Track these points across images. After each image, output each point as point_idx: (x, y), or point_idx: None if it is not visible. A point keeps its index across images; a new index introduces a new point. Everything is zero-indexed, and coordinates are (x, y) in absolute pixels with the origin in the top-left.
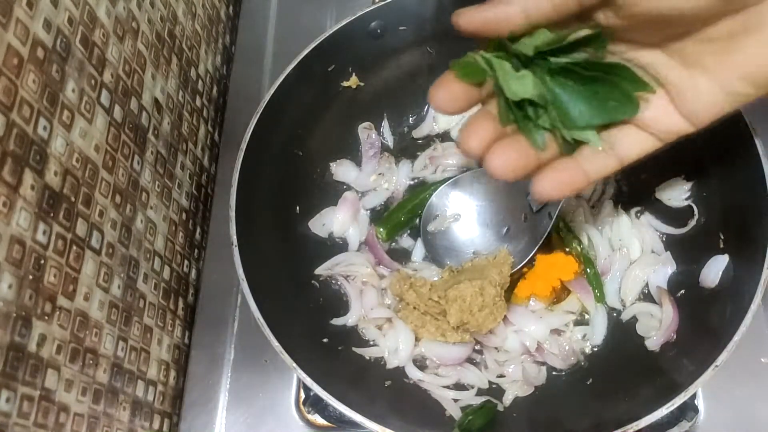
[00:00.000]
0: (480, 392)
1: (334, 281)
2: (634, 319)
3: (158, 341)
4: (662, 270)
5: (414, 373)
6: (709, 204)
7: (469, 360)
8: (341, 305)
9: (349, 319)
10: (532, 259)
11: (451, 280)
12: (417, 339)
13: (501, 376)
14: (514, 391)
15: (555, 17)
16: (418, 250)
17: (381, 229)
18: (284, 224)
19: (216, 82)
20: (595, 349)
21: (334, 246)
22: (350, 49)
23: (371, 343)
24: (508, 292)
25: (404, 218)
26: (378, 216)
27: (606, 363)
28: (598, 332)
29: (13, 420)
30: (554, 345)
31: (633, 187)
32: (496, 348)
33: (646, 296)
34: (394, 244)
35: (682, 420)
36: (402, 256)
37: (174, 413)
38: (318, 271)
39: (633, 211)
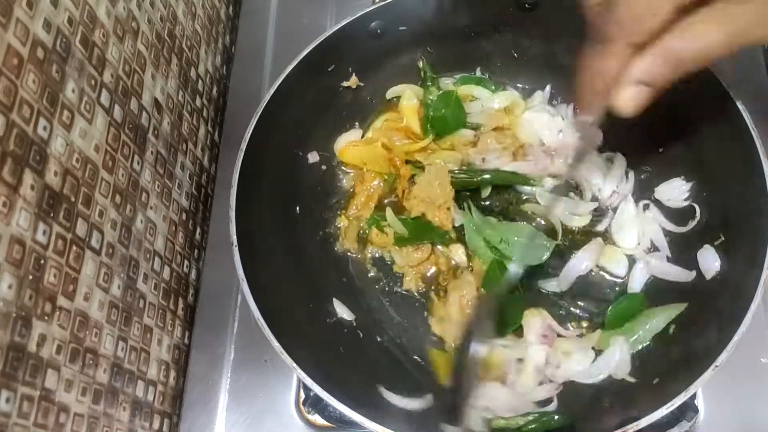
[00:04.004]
0: None
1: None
2: None
3: (158, 341)
4: (662, 267)
5: None
6: (710, 204)
7: None
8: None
9: None
10: None
11: None
12: None
13: None
14: None
15: None
16: None
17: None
18: (284, 224)
19: (216, 82)
20: None
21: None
22: (350, 49)
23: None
24: None
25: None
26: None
27: None
28: None
29: (13, 420)
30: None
31: (635, 186)
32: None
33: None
34: None
35: (682, 420)
36: None
37: (174, 413)
38: None
39: (641, 203)
